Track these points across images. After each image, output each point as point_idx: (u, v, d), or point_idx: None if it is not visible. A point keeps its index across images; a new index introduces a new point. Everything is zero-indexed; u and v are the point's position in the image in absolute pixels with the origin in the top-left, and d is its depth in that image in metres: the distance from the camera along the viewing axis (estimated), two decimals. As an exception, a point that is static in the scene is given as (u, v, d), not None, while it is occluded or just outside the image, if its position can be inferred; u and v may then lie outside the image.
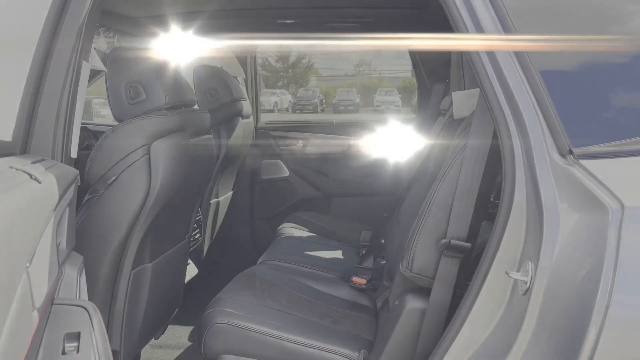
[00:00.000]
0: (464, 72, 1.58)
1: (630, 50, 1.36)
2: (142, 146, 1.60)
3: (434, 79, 3.09)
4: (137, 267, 1.70)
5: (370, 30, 2.94)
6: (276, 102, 21.43)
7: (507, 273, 1.21)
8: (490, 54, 1.28)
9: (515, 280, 1.21)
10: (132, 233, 1.62)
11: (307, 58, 26.55)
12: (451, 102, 2.12)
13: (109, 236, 1.60)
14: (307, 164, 3.33)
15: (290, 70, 26.34)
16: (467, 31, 1.29)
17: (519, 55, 1.27)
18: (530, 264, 1.18)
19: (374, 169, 3.29)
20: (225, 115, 2.68)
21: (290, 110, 21.84)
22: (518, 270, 1.22)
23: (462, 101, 1.58)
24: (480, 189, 1.40)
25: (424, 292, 1.48)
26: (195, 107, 1.99)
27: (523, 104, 1.24)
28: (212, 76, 2.70)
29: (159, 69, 1.70)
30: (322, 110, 22.10)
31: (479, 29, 1.28)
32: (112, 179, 1.57)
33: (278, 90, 23.28)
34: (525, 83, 1.25)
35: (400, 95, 22.18)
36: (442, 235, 1.43)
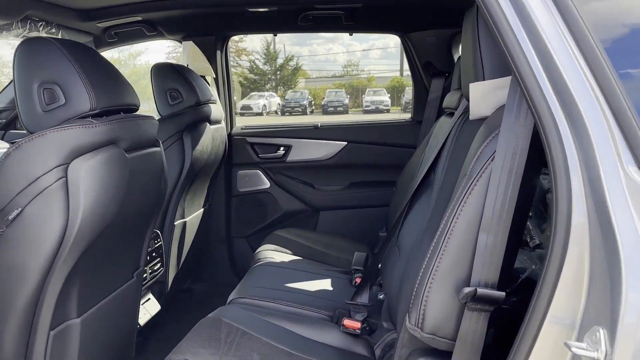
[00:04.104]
0: (482, 57, 1.18)
1: None
2: (57, 167, 1.19)
3: (432, 73, 2.70)
4: (59, 326, 1.29)
5: (357, 19, 2.55)
6: (265, 105, 21.09)
7: (566, 344, 0.82)
8: (527, 20, 0.91)
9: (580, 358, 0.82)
10: (47, 283, 1.21)
11: (294, 60, 26.36)
12: (460, 98, 1.73)
13: (14, 290, 1.19)
14: (289, 173, 2.93)
15: (278, 72, 26.04)
16: None
17: (572, 23, 0.89)
18: (601, 331, 0.79)
19: (366, 177, 2.90)
20: (190, 120, 2.27)
21: (279, 113, 21.51)
22: (581, 340, 0.83)
23: (482, 96, 1.18)
24: (515, 213, 1.01)
25: (441, 356, 1.09)
26: (158, 115, 1.58)
27: (579, 91, 0.86)
28: (173, 75, 2.30)
29: (84, 65, 1.29)
30: (312, 112, 21.84)
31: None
32: (15, 213, 1.16)
33: (266, 93, 22.93)
34: (581, 63, 0.87)
35: (389, 95, 21.98)
36: (463, 280, 1.05)
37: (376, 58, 34.83)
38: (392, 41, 33.59)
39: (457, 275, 1.05)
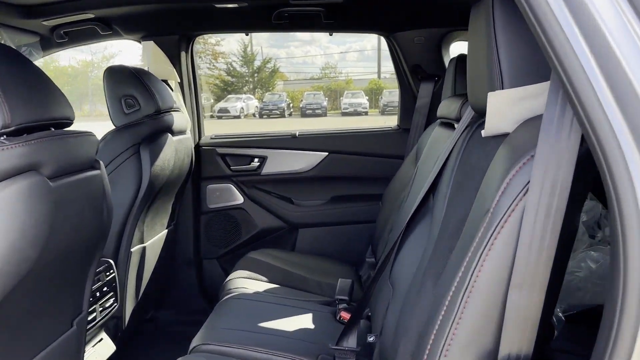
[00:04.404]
0: (499, 60, 0.93)
1: None
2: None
3: (420, 77, 2.46)
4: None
5: (338, 17, 2.30)
6: (242, 108, 20.80)
7: None
8: (579, 7, 0.67)
9: None
10: None
11: (272, 62, 26.17)
12: (461, 108, 1.48)
13: None
14: (265, 187, 2.66)
15: (256, 74, 25.77)
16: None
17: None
18: None
19: (350, 190, 2.64)
20: (148, 131, 1.98)
21: (257, 116, 21.24)
22: None
23: (503, 108, 0.93)
24: (558, 261, 0.77)
25: None
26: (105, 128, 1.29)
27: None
28: (129, 80, 2.00)
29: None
30: (290, 115, 21.64)
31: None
32: None
33: (244, 96, 22.63)
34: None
35: (367, 98, 21.91)
36: (489, 352, 0.79)
37: (354, 60, 34.93)
38: (370, 44, 33.65)
39: (480, 345, 0.80)
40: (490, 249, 0.79)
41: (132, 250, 1.96)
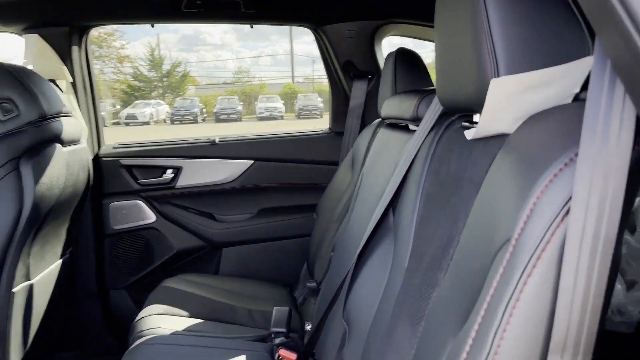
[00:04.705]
0: (493, 41, 0.71)
1: None
2: None
3: (353, 74, 2.25)
4: None
5: (259, 6, 2.02)
6: (152, 114, 19.89)
7: None
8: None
9: None
10: None
11: (182, 66, 25.39)
12: (417, 106, 1.26)
13: None
14: (181, 202, 2.32)
15: (165, 79, 24.77)
16: None
17: None
18: None
19: (280, 201, 2.37)
20: (30, 142, 1.59)
21: (168, 122, 20.40)
22: None
23: (503, 99, 0.71)
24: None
25: None
26: None
27: None
28: (4, 80, 1.60)
29: None
30: (204, 120, 21.04)
31: None
32: None
33: (153, 101, 21.66)
34: None
35: (283, 102, 21.81)
36: None
37: (267, 65, 34.80)
38: (282, 48, 33.68)
39: None
40: (518, 298, 0.55)
41: (14, 290, 1.57)
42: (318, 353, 1.35)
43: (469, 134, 0.83)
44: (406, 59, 1.67)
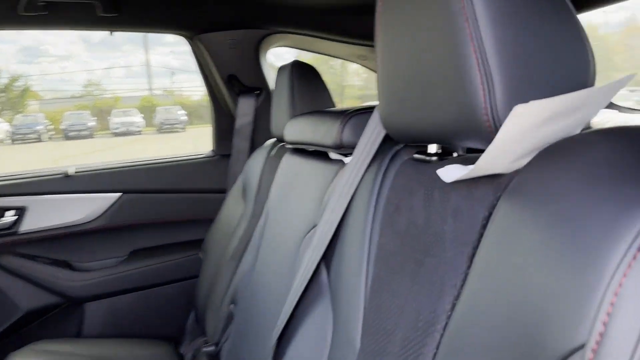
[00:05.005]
0: (484, 49, 0.52)
1: None
2: None
3: (238, 90, 1.98)
4: None
5: (121, 10, 1.67)
6: (-13, 134, 17.55)
7: None
8: None
9: None
10: None
11: (22, 80, 22.89)
12: (341, 132, 1.04)
13: None
14: (27, 250, 1.85)
15: (2, 95, 22.09)
16: None
17: None
18: None
19: (157, 239, 2.01)
20: None
21: (8, 141, 18.17)
22: None
23: (527, 128, 0.52)
24: None
25: None
26: None
27: None
28: None
29: None
30: (50, 138, 19.05)
31: None
32: None
33: (-12, 119, 19.14)
34: None
35: (142, 115, 20.61)
36: None
37: (120, 77, 32.76)
38: (136, 59, 31.87)
39: None
40: None
41: None
42: None
43: (446, 176, 0.63)
44: (304, 74, 1.46)
